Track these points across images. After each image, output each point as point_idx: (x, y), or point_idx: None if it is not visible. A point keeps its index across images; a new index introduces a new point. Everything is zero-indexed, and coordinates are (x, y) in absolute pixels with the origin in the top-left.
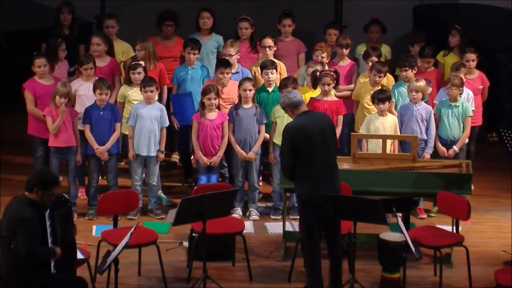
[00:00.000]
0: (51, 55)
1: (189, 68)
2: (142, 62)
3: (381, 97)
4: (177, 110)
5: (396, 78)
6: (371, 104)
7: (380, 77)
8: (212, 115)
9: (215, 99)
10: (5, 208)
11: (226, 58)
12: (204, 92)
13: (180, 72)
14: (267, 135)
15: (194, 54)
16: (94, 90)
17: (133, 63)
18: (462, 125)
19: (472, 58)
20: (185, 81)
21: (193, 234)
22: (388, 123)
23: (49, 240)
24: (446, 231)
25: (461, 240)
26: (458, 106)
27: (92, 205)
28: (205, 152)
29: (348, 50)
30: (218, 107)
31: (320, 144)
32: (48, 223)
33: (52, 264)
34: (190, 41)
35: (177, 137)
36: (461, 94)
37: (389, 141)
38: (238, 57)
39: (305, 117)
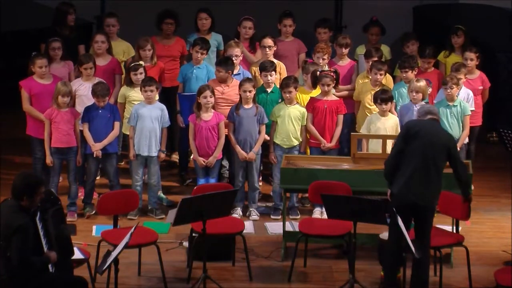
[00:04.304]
0: (49, 55)
1: (194, 67)
2: (142, 62)
3: (384, 97)
4: (183, 109)
5: (394, 78)
6: (373, 104)
7: (381, 74)
8: (208, 115)
9: (210, 97)
10: None
11: (233, 59)
12: (199, 92)
13: (186, 70)
14: (267, 136)
15: (202, 53)
16: (92, 95)
17: (134, 64)
18: (461, 124)
19: (470, 57)
20: (189, 80)
21: (193, 234)
22: (389, 124)
23: (44, 242)
24: (446, 231)
25: (461, 240)
26: (456, 105)
27: (87, 204)
28: (201, 154)
29: (347, 49)
30: (213, 107)
31: None
32: (40, 226)
33: (50, 264)
34: (200, 40)
35: (180, 137)
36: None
37: (389, 141)
38: (241, 58)
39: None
